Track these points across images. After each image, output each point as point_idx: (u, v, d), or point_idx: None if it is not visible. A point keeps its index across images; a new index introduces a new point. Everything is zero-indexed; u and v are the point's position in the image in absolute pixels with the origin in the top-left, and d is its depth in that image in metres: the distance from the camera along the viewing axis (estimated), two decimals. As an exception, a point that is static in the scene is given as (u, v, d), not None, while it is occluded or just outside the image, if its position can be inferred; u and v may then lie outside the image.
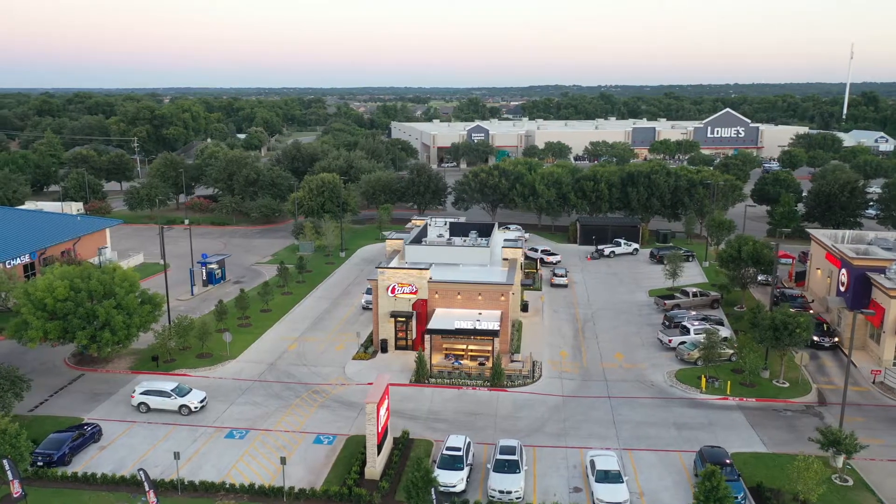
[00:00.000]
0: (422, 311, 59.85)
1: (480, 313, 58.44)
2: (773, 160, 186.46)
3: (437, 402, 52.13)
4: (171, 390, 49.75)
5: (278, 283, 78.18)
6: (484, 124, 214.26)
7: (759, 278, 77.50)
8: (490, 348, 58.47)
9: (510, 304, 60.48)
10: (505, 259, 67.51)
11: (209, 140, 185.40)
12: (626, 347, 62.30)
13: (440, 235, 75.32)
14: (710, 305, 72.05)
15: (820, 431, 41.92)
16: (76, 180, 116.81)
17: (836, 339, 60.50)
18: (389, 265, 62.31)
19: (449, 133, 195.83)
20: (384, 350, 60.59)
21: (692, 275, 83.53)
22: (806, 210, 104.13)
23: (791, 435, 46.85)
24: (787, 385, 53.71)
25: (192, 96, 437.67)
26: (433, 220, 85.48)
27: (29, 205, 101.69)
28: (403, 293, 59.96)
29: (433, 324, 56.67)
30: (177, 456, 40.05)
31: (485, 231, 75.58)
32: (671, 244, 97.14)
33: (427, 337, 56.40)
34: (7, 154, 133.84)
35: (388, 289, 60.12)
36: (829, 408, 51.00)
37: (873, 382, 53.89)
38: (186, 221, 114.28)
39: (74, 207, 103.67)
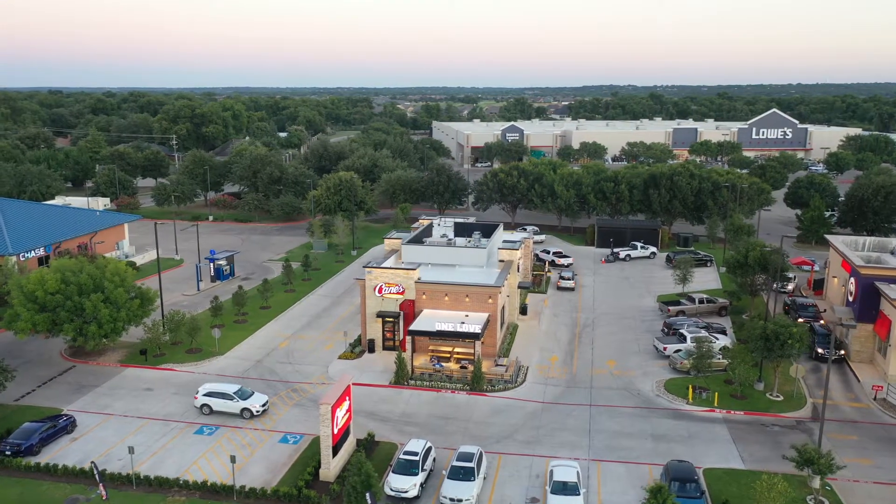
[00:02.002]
0: (409, 311, 59.13)
1: (467, 315, 57.44)
2: (820, 163, 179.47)
3: (414, 404, 51.37)
4: (234, 393, 48.86)
5: (283, 281, 78.67)
6: (519, 124, 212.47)
7: (775, 285, 74.41)
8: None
9: (500, 306, 59.33)
10: (501, 261, 66.32)
11: (247, 138, 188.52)
12: (621, 354, 60.37)
13: (444, 235, 74.44)
14: (718, 313, 69.34)
15: (795, 449, 39.58)
16: (107, 176, 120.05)
17: (843, 352, 57.33)
18: (380, 265, 61.88)
19: (483, 133, 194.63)
20: (371, 350, 60.13)
21: (707, 280, 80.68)
22: (838, 215, 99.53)
23: (774, 451, 44.47)
24: (781, 398, 51.13)
25: (248, 95, 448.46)
26: (443, 219, 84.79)
27: (59, 200, 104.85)
28: (390, 293, 59.39)
29: (415, 325, 55.96)
30: (131, 450, 40.28)
31: (488, 232, 74.50)
32: (691, 248, 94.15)
33: (409, 338, 55.75)
34: (48, 150, 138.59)
35: (375, 289, 59.65)
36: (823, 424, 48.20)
37: (874, 399, 50.80)
38: (210, 218, 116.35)
39: (101, 203, 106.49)
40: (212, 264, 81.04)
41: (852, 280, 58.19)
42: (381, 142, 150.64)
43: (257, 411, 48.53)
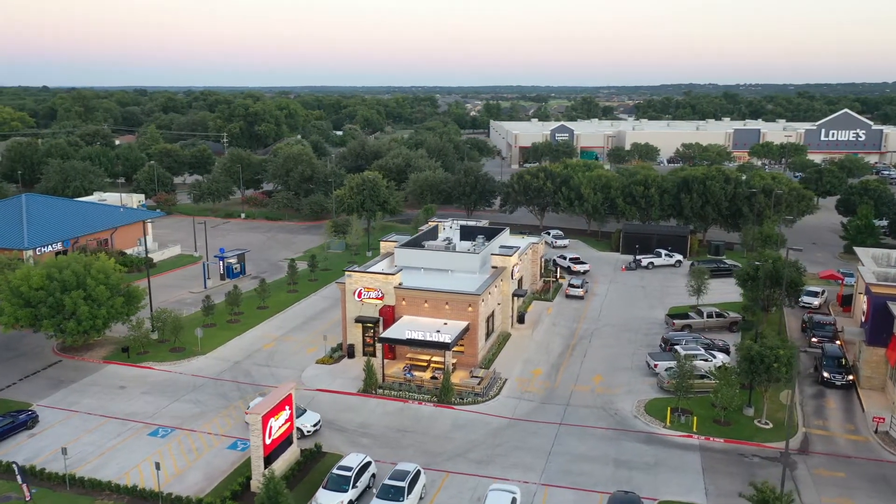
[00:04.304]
0: (388, 317, 57.51)
1: (445, 323, 55.39)
2: (894, 167, 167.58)
3: (376, 414, 49.67)
4: None
5: (288, 281, 78.45)
6: (570, 124, 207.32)
7: (801, 300, 69.25)
8: (454, 360, 55.50)
9: (483, 314, 56.97)
10: (494, 267, 63.85)
11: (299, 136, 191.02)
12: (611, 369, 56.94)
13: (447, 238, 72.50)
14: (729, 328, 64.77)
15: (753, 486, 35.79)
16: (147, 173, 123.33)
17: (851, 378, 52.22)
18: (364, 269, 60.60)
19: (533, 132, 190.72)
20: (351, 355, 58.79)
21: (728, 292, 75.51)
22: (890, 224, 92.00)
23: (744, 486, 40.47)
24: (770, 426, 46.84)
25: (323, 93, 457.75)
26: (453, 221, 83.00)
27: (96, 195, 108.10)
28: (370, 298, 57.89)
29: (387, 332, 54.31)
30: (64, 451, 40.24)
31: (494, 236, 72.27)
32: (721, 257, 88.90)
33: (379, 345, 54.16)
34: (100, 147, 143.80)
35: (354, 293, 58.29)
36: (811, 457, 43.89)
37: (875, 431, 45.87)
38: (243, 215, 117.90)
39: (135, 199, 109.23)
40: (221, 262, 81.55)
41: (865, 299, 52.97)
42: (420, 141, 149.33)
43: (308, 431, 45.59)
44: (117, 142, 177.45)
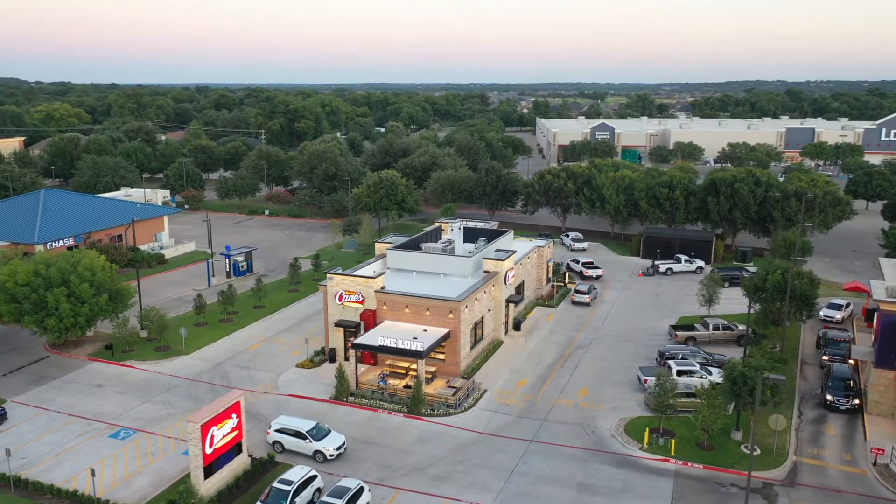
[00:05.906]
0: (369, 322, 55.79)
1: (425, 329, 53.34)
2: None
3: (342, 424, 47.90)
4: (307, 431, 43.54)
5: (289, 281, 77.60)
6: (610, 122, 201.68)
7: (822, 314, 64.62)
8: (433, 369, 53.45)
9: (466, 321, 54.67)
10: (486, 271, 61.37)
11: (338, 133, 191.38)
12: (600, 383, 53.81)
13: (448, 240, 70.34)
14: (737, 341, 60.67)
15: (711, 524, 32.61)
16: (177, 169, 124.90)
17: (858, 402, 47.77)
18: (349, 272, 59.08)
19: (573, 130, 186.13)
20: (332, 360, 57.29)
21: (745, 302, 70.93)
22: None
23: (714, 519, 37.29)
24: (758, 453, 43.13)
25: (374, 90, 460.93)
26: (462, 222, 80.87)
27: (123, 191, 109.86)
28: (350, 302, 56.27)
29: (361, 338, 52.55)
30: (8, 453, 39.90)
31: (496, 238, 69.81)
32: (749, 263, 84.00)
33: (353, 352, 52.41)
34: (138, 143, 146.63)
35: (335, 296, 56.75)
36: (796, 489, 40.11)
37: (873, 464, 41.64)
38: (266, 212, 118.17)
39: (160, 195, 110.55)
40: (227, 260, 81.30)
41: (876, 315, 48.42)
42: (452, 139, 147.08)
43: (331, 455, 42.66)
44: (163, 137, 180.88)
